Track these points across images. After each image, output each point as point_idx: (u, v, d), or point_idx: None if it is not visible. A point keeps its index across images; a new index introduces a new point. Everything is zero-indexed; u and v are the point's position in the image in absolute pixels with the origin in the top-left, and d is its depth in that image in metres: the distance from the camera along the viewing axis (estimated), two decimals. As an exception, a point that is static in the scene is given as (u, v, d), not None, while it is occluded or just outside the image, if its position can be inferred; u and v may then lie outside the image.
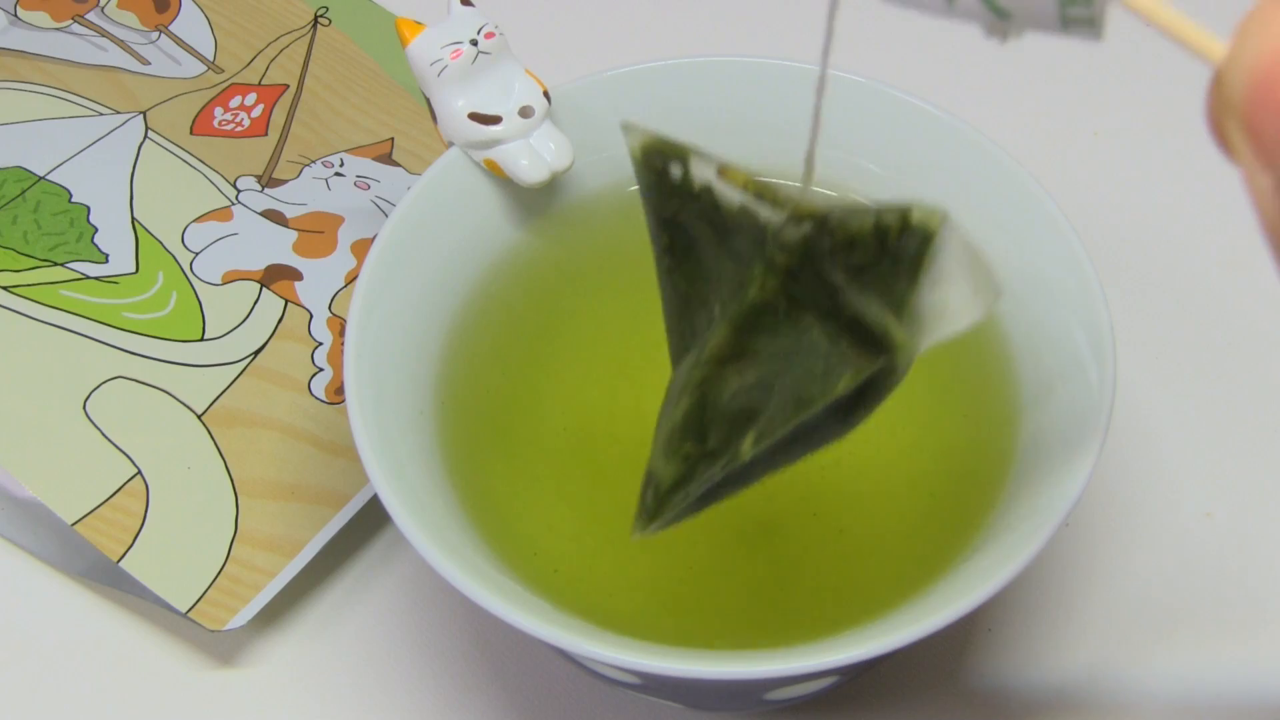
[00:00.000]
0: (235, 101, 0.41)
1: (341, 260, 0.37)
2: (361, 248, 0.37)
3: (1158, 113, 0.44)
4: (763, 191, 0.23)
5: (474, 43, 0.31)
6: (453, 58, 0.31)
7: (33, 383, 0.34)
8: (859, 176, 0.33)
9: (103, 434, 0.34)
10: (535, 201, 0.33)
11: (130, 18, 0.43)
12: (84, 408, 0.34)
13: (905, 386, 0.31)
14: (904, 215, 0.23)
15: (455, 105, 0.31)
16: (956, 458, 0.30)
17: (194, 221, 0.38)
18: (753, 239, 0.23)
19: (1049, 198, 0.31)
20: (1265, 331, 0.38)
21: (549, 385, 0.31)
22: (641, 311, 0.33)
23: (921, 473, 0.30)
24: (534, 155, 0.31)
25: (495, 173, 0.32)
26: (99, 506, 0.33)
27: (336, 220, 0.38)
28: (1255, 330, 0.38)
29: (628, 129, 0.24)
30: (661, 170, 0.24)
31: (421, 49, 0.31)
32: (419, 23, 0.31)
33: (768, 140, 0.34)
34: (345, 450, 0.34)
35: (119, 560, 0.32)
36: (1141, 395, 0.37)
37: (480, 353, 0.32)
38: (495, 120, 0.31)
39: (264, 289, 0.36)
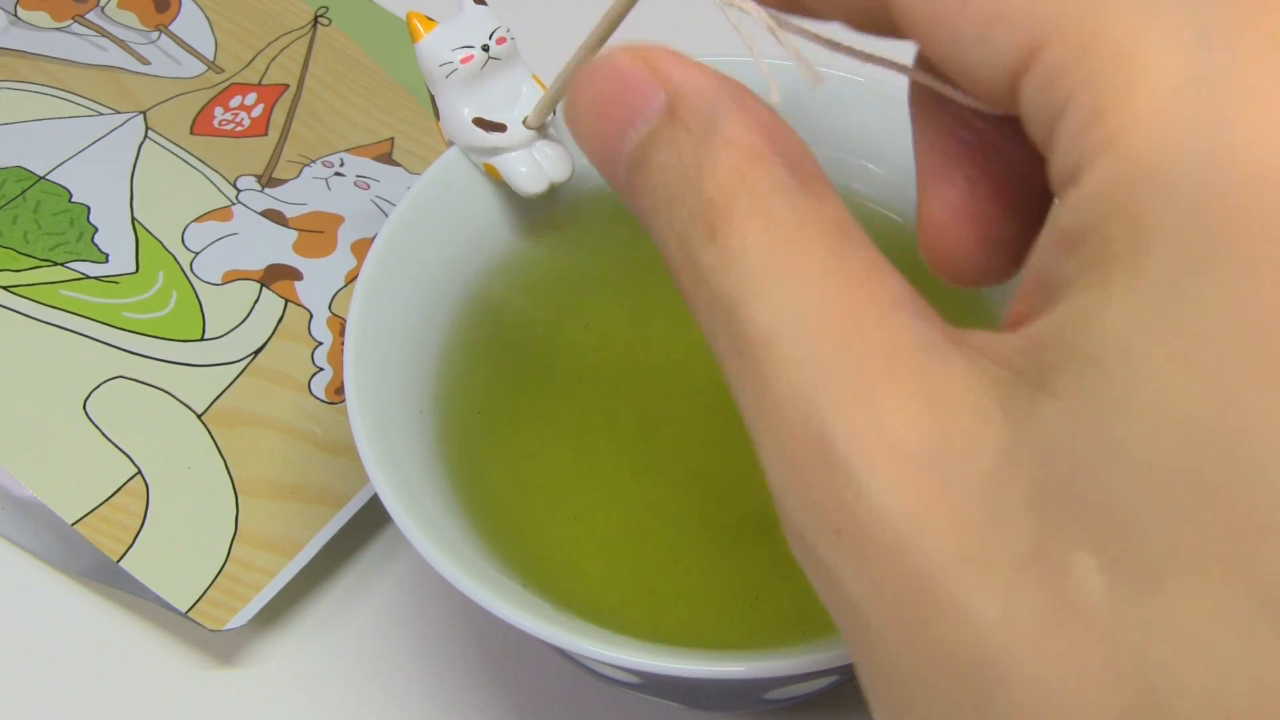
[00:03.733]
0: (235, 101, 0.41)
1: (341, 260, 0.37)
2: (361, 248, 0.37)
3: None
4: None
5: (485, 48, 0.31)
6: (463, 62, 0.30)
7: (33, 383, 0.34)
8: (860, 176, 0.33)
9: (103, 434, 0.34)
10: (536, 202, 0.33)
11: (130, 17, 0.43)
12: (84, 408, 0.34)
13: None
14: None
15: (461, 109, 0.31)
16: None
17: (194, 221, 0.38)
18: None
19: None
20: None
21: (549, 385, 0.31)
22: (641, 311, 0.33)
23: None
24: (534, 165, 0.31)
25: (493, 176, 0.32)
26: (99, 506, 0.33)
27: (336, 220, 0.38)
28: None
29: None
30: None
31: (432, 48, 0.31)
32: (431, 19, 0.31)
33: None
34: (345, 450, 0.34)
35: (119, 560, 0.32)
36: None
37: (481, 352, 0.32)
38: (500, 128, 0.31)
39: (264, 289, 0.36)
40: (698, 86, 0.19)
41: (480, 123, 0.31)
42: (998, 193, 0.20)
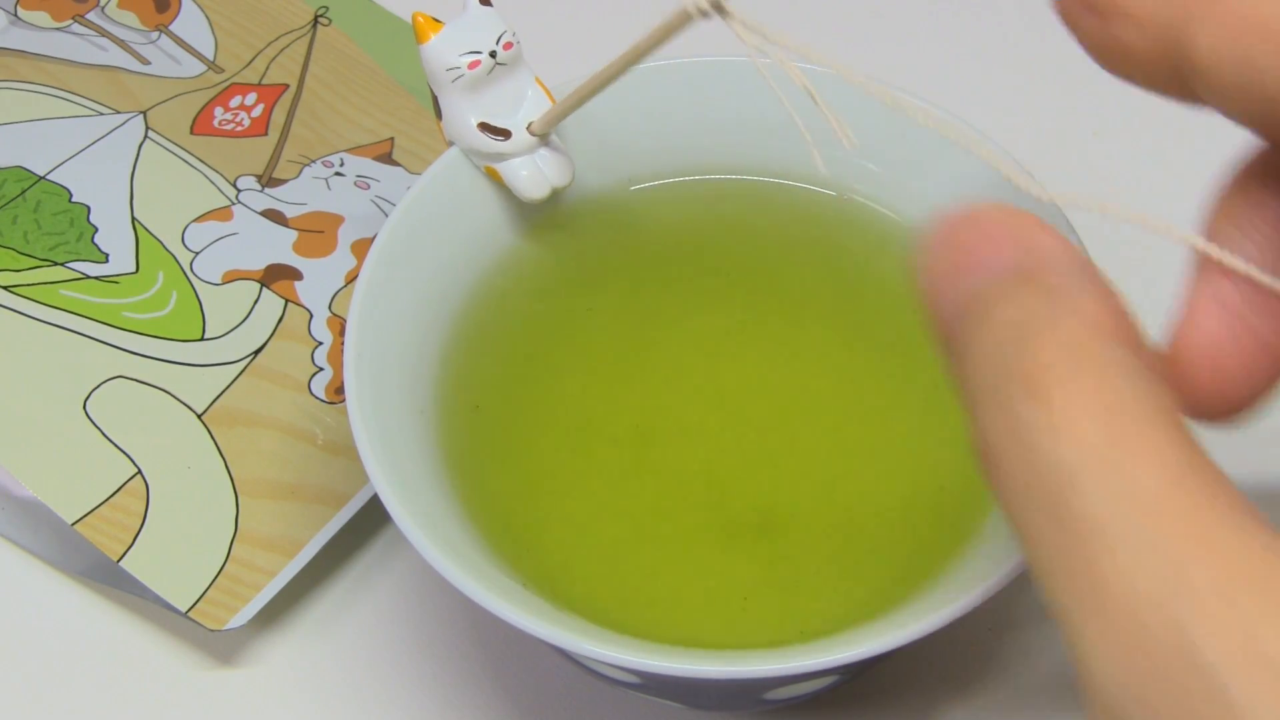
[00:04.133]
0: (235, 101, 0.41)
1: (341, 260, 0.37)
2: (361, 248, 0.37)
3: (1158, 113, 0.43)
4: None
5: (493, 54, 0.30)
6: (470, 68, 0.30)
7: (33, 383, 0.34)
8: (860, 176, 0.33)
9: (103, 434, 0.34)
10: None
11: (130, 17, 0.43)
12: (84, 407, 0.34)
13: (908, 383, 0.32)
14: None
15: (467, 115, 0.31)
16: (958, 454, 0.30)
17: (194, 221, 0.38)
18: None
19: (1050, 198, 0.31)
20: (1265, 331, 0.38)
21: (549, 384, 0.31)
22: (642, 311, 0.33)
23: (923, 470, 0.30)
24: (535, 169, 0.31)
25: (494, 179, 0.32)
26: (99, 506, 0.33)
27: (336, 220, 0.38)
28: (1255, 330, 0.38)
29: None
30: None
31: (438, 51, 0.30)
32: (437, 20, 0.31)
33: (769, 140, 0.34)
34: (345, 450, 0.34)
35: (119, 560, 0.32)
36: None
37: (481, 352, 0.32)
38: (505, 134, 0.31)
39: (264, 288, 0.36)
40: (1058, 254, 0.19)
41: (485, 128, 0.31)
42: (1254, 352, 0.21)
